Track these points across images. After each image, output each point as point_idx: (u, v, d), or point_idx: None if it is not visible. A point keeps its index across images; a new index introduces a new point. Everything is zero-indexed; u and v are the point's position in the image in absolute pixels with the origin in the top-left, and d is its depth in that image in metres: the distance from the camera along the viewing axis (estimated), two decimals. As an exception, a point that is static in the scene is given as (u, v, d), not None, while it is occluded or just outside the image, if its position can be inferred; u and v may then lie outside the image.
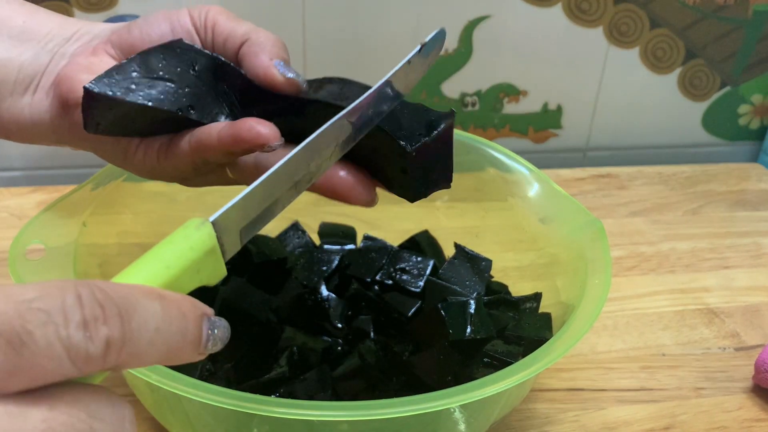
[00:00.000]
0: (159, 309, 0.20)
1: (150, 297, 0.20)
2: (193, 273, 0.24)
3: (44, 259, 0.39)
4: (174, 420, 0.38)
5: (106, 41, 0.37)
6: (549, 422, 0.45)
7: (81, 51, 0.37)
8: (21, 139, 0.38)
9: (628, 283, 0.60)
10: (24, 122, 0.37)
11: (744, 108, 0.84)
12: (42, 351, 0.18)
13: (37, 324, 0.18)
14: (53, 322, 0.18)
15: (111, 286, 0.20)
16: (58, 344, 0.18)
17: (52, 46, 0.37)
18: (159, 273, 0.23)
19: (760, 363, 0.48)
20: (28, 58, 0.37)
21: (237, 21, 0.37)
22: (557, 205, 0.47)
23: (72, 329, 0.18)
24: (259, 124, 0.33)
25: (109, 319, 0.19)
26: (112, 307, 0.19)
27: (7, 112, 0.37)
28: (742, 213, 0.72)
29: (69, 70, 0.36)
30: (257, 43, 0.36)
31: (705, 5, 0.76)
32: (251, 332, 0.43)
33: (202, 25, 0.37)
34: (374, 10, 0.70)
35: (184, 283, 0.24)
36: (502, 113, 0.78)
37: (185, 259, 0.24)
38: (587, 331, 0.36)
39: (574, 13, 0.74)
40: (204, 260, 0.25)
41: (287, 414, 0.30)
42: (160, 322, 0.20)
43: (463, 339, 0.40)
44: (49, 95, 0.37)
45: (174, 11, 0.37)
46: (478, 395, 0.32)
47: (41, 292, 0.19)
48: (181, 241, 0.24)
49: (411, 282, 0.47)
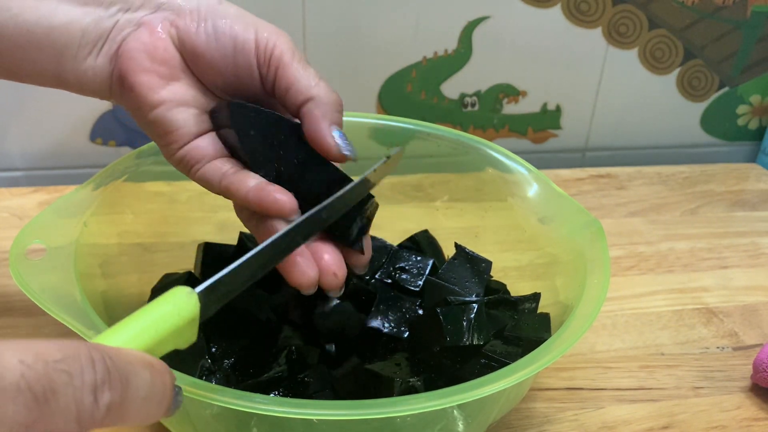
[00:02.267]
0: (149, 378, 0.22)
1: (143, 365, 0.22)
2: (174, 337, 0.26)
3: (45, 259, 0.39)
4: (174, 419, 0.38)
5: (172, 24, 0.38)
6: (548, 421, 0.46)
7: (147, 22, 0.38)
8: (81, 94, 0.40)
9: (626, 282, 0.60)
10: (87, 83, 0.39)
11: (742, 108, 0.84)
12: (60, 409, 0.19)
13: (61, 385, 0.19)
14: (73, 385, 0.20)
15: (117, 353, 0.21)
16: (73, 405, 0.20)
17: (115, 11, 0.38)
18: (146, 333, 0.25)
19: (759, 362, 0.48)
20: (91, 22, 0.37)
21: (302, 65, 0.38)
22: (556, 205, 0.47)
23: (86, 392, 0.20)
24: (284, 196, 0.37)
25: (113, 384, 0.21)
26: (117, 374, 0.21)
27: (71, 73, 0.38)
28: (740, 213, 0.72)
29: (132, 47, 0.37)
30: (321, 105, 0.37)
31: (704, 6, 0.76)
32: (251, 331, 0.43)
33: (266, 61, 0.37)
34: (374, 11, 0.70)
35: (165, 345, 0.26)
36: (501, 114, 0.78)
37: (170, 324, 0.26)
38: (586, 331, 0.36)
39: (573, 14, 0.74)
40: (185, 327, 0.27)
41: (286, 413, 0.30)
42: (149, 390, 0.22)
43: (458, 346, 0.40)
44: (112, 63, 0.38)
45: (242, 25, 0.38)
46: (477, 395, 0.32)
47: (65, 354, 0.20)
48: (169, 307, 0.26)
49: (410, 281, 0.47)
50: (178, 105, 0.38)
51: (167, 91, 0.38)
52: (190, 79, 0.39)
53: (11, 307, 0.52)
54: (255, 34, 0.37)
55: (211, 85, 0.39)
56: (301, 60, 0.38)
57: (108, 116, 0.70)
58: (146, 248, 0.49)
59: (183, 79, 0.38)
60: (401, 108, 0.75)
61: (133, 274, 0.47)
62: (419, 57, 0.73)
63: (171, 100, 0.38)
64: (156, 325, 0.25)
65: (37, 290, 0.36)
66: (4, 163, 0.71)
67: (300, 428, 0.35)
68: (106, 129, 0.71)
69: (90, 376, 0.20)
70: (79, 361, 0.20)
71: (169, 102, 0.38)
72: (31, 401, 0.19)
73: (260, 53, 0.37)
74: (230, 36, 0.37)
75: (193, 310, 0.27)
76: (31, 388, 0.19)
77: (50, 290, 0.36)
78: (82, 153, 0.72)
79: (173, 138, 0.38)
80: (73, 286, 0.38)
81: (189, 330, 0.27)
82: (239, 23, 0.38)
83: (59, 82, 0.39)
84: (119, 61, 0.38)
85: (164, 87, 0.38)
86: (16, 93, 0.67)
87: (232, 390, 0.31)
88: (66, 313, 0.34)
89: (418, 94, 0.75)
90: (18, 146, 0.70)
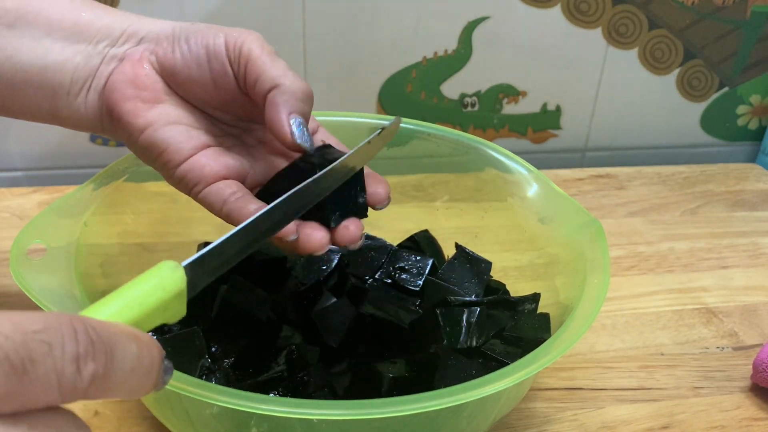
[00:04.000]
0: (135, 351, 0.22)
1: (129, 337, 0.22)
2: (161, 311, 0.26)
3: (45, 259, 0.39)
4: (174, 418, 0.38)
5: (151, 52, 0.39)
6: (548, 421, 0.46)
7: (129, 55, 0.39)
8: (77, 129, 0.41)
9: (626, 282, 0.60)
10: (80, 119, 0.40)
11: (742, 108, 0.84)
12: (39, 379, 0.19)
13: (40, 354, 0.19)
14: (53, 355, 0.19)
15: (101, 324, 0.21)
16: (53, 375, 0.19)
17: (102, 48, 0.39)
18: (132, 307, 0.25)
19: (758, 362, 0.48)
20: (81, 60, 0.39)
21: (270, 57, 0.37)
22: (556, 205, 0.47)
23: (67, 362, 0.20)
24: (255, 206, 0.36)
25: (97, 355, 0.20)
26: (101, 344, 0.21)
27: (65, 110, 0.40)
28: (740, 213, 0.72)
29: (116, 79, 0.38)
30: (284, 93, 0.37)
31: (703, 6, 0.76)
32: (251, 331, 0.43)
33: (236, 58, 0.38)
34: (374, 11, 0.70)
35: (152, 319, 0.26)
36: (501, 114, 0.78)
37: (156, 298, 0.26)
38: (586, 331, 0.36)
39: (573, 14, 0.74)
40: (172, 301, 0.27)
41: (286, 413, 0.30)
42: (135, 362, 0.22)
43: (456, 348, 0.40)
44: (101, 98, 0.39)
45: (212, 33, 0.38)
46: (477, 395, 0.32)
47: (45, 325, 0.20)
48: (155, 281, 0.26)
49: (410, 281, 0.47)
50: (167, 124, 0.38)
51: (153, 113, 0.38)
52: (174, 99, 0.39)
53: (11, 307, 0.51)
54: (224, 37, 0.38)
55: (195, 101, 0.40)
56: (270, 53, 0.38)
57: (108, 116, 0.70)
58: (146, 248, 0.49)
59: (167, 101, 0.39)
60: (401, 108, 0.75)
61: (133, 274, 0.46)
62: (419, 57, 0.73)
63: (158, 120, 0.38)
64: (141, 299, 0.25)
65: (37, 290, 0.36)
66: (4, 163, 0.71)
67: (299, 428, 0.35)
68: (106, 129, 0.71)
69: (72, 346, 0.20)
70: (60, 331, 0.20)
71: (156, 122, 0.38)
72: (9, 371, 0.19)
73: (230, 53, 0.38)
74: (202, 45, 0.38)
75: (179, 283, 0.27)
76: (8, 357, 0.19)
77: (50, 290, 0.36)
78: (82, 153, 0.72)
79: (168, 157, 0.38)
80: (74, 286, 0.38)
81: (176, 304, 0.27)
82: (209, 32, 0.38)
83: (54, 118, 0.40)
84: (105, 95, 0.39)
85: (149, 110, 0.38)
86: (16, 93, 0.67)
87: (232, 390, 0.31)
88: (66, 313, 0.34)
89: (418, 94, 0.75)
90: (18, 146, 0.71)
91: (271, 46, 0.38)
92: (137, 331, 0.23)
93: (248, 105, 0.39)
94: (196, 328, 0.41)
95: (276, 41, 0.68)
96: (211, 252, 0.30)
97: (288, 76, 0.37)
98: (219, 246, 0.30)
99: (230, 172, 0.39)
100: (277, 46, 0.39)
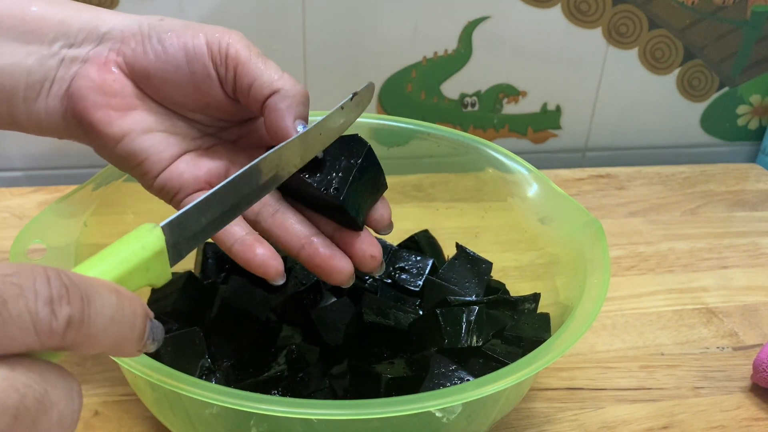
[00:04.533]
0: (115, 301, 0.22)
1: (108, 289, 0.22)
2: (143, 271, 0.27)
3: (45, 259, 0.39)
4: (174, 418, 0.38)
5: (118, 53, 0.37)
6: (548, 421, 0.46)
7: (93, 57, 0.36)
8: (40, 135, 0.39)
9: (626, 282, 0.60)
10: (41, 124, 0.38)
11: (742, 108, 0.84)
12: (13, 320, 0.19)
13: (11, 295, 0.19)
14: (24, 296, 0.19)
15: (76, 275, 0.21)
16: (27, 316, 0.19)
17: (58, 48, 0.36)
18: (113, 267, 0.26)
19: (759, 362, 0.48)
20: (34, 63, 0.36)
21: (261, 60, 0.36)
22: (556, 205, 0.47)
23: (40, 304, 0.20)
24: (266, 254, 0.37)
25: (73, 300, 0.20)
26: (76, 290, 0.21)
27: (24, 115, 0.37)
28: (740, 213, 0.72)
29: (82, 86, 0.36)
30: (285, 98, 0.36)
31: (704, 6, 0.76)
32: (250, 331, 0.43)
33: (222, 62, 0.36)
34: (374, 12, 0.70)
35: (135, 279, 0.26)
36: (501, 114, 0.78)
37: (137, 257, 0.27)
38: (586, 331, 0.36)
39: (573, 14, 0.74)
40: (153, 260, 0.27)
41: (285, 413, 0.30)
42: (115, 312, 0.22)
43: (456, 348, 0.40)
44: (63, 103, 0.37)
45: (190, 33, 0.36)
46: (477, 394, 0.32)
47: (15, 270, 0.20)
48: (134, 241, 0.27)
49: (410, 281, 0.47)
50: (143, 133, 0.37)
51: (127, 122, 0.37)
52: (148, 104, 0.37)
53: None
54: (205, 37, 0.36)
55: (171, 105, 0.38)
56: (259, 54, 0.37)
57: (108, 116, 0.70)
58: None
59: (140, 107, 0.37)
60: (401, 108, 0.75)
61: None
62: (419, 57, 0.73)
63: (133, 129, 0.37)
64: (120, 260, 0.26)
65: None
66: (4, 163, 0.71)
67: (299, 427, 0.35)
68: (106, 129, 0.71)
69: (44, 289, 0.20)
70: (32, 275, 0.20)
71: (132, 132, 0.37)
72: None
73: (215, 55, 0.36)
74: (179, 46, 0.36)
75: (156, 242, 0.27)
76: None
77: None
78: (82, 153, 0.72)
79: (147, 167, 0.37)
80: (73, 286, 0.38)
81: (158, 264, 0.27)
82: (186, 32, 0.36)
83: (14, 124, 0.38)
84: (71, 102, 0.37)
85: (123, 118, 0.37)
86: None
87: (232, 390, 0.31)
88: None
89: (418, 94, 0.75)
90: (18, 146, 0.71)
91: (254, 45, 0.37)
92: (117, 285, 0.23)
93: (231, 107, 0.38)
94: (196, 328, 0.41)
95: (276, 41, 0.68)
96: (189, 212, 0.30)
97: (284, 78, 0.36)
98: (196, 206, 0.30)
99: (212, 176, 0.38)
100: (277, 46, 0.39)
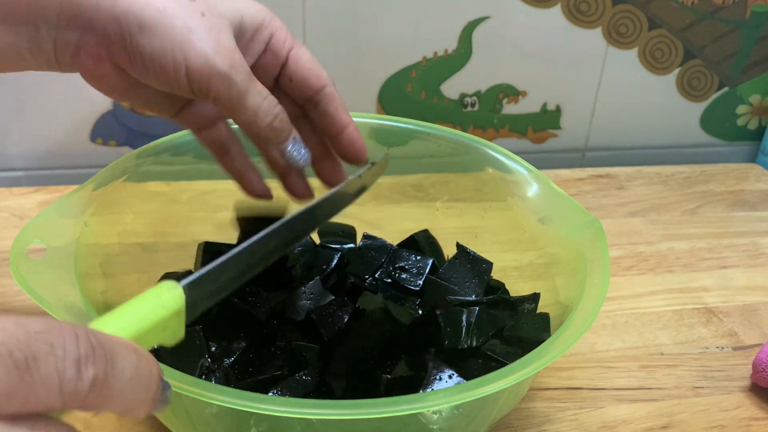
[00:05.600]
0: (135, 360, 0.22)
1: (129, 349, 0.22)
2: (160, 330, 0.27)
3: (45, 259, 0.39)
4: (174, 418, 0.38)
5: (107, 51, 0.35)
6: (548, 421, 0.46)
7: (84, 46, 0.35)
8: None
9: (626, 282, 0.60)
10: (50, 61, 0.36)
11: (742, 108, 0.84)
12: (41, 379, 0.19)
13: (43, 353, 0.19)
14: (55, 355, 0.20)
15: (101, 333, 0.22)
16: (55, 375, 0.20)
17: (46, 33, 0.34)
18: (131, 324, 0.26)
19: (758, 362, 0.48)
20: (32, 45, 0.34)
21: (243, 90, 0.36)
22: (556, 205, 0.47)
23: (68, 363, 0.20)
24: None
25: (98, 360, 0.21)
26: (101, 350, 0.21)
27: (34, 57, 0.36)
28: (740, 213, 0.72)
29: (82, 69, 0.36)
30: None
31: (703, 6, 0.76)
32: (251, 331, 0.43)
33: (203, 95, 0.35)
34: (374, 12, 0.70)
35: (150, 338, 0.26)
36: (501, 114, 0.78)
37: (155, 315, 0.26)
38: (586, 331, 0.36)
39: (573, 14, 0.74)
40: (171, 319, 0.27)
41: (285, 412, 0.30)
42: (135, 373, 0.22)
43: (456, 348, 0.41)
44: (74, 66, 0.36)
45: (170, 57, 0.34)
46: (476, 394, 0.32)
47: (47, 327, 0.20)
48: (154, 299, 0.27)
49: (410, 281, 0.47)
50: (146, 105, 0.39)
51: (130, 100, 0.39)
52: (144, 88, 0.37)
53: (11, 307, 0.52)
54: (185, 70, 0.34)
55: None
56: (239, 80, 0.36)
57: (108, 116, 0.70)
58: (146, 248, 0.49)
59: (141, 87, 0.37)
60: (401, 108, 0.75)
61: (133, 274, 0.47)
62: (419, 57, 0.73)
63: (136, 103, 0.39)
64: (141, 317, 0.26)
65: (37, 290, 0.36)
66: (4, 163, 0.71)
67: (299, 427, 0.35)
68: (106, 129, 0.71)
69: (73, 348, 0.20)
70: (62, 333, 0.20)
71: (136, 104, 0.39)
72: (12, 367, 0.19)
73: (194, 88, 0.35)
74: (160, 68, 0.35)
75: (177, 301, 0.27)
76: (11, 354, 0.19)
77: (50, 290, 0.36)
78: (82, 153, 0.72)
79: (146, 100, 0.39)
80: (73, 286, 0.38)
81: (174, 323, 0.27)
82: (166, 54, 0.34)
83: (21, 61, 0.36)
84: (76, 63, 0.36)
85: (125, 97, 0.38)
86: (17, 93, 0.67)
87: (232, 389, 0.31)
88: (66, 313, 0.34)
89: (418, 94, 0.75)
90: (18, 146, 0.70)
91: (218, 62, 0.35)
92: (136, 345, 0.23)
93: None
94: (196, 328, 0.41)
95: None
96: (209, 273, 0.30)
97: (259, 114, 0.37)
98: (217, 267, 0.31)
99: None
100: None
